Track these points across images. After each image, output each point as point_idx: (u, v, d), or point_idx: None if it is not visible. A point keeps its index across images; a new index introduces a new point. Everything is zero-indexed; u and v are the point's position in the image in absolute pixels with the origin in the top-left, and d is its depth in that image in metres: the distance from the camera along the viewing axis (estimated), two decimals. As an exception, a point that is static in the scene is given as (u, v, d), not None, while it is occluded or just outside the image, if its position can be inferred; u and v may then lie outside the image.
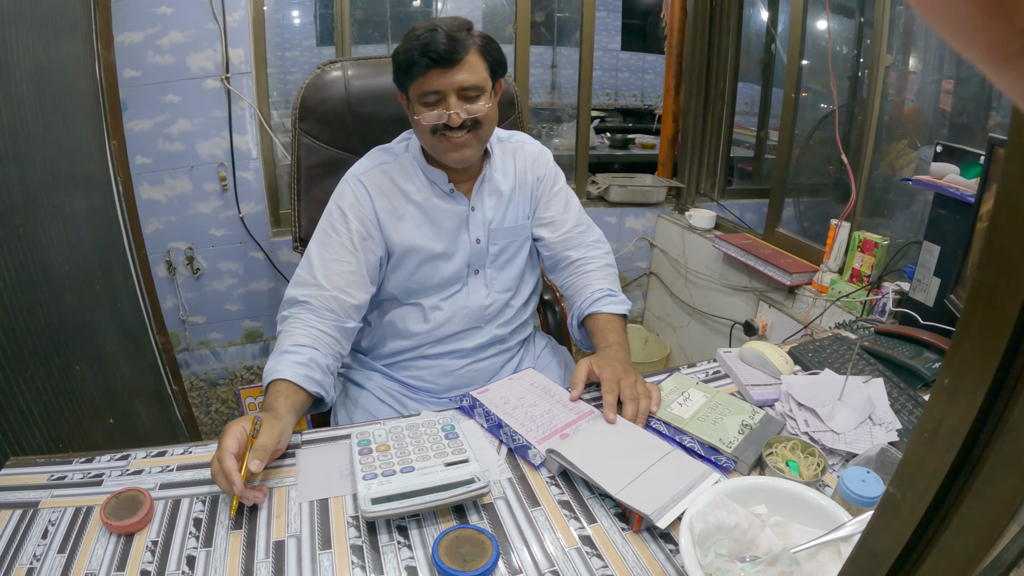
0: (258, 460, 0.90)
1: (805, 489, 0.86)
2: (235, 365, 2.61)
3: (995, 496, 0.37)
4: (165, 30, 2.09)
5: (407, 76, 1.19)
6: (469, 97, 1.19)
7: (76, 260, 1.63)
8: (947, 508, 0.40)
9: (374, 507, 0.84)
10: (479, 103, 1.20)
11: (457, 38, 1.15)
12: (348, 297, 1.23)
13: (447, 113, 1.18)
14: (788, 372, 1.26)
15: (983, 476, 0.37)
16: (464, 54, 1.16)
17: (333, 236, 1.26)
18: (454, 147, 1.22)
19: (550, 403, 1.13)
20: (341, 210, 1.27)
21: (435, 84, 1.17)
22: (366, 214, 1.27)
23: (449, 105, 1.18)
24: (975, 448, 0.37)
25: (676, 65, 2.89)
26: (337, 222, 1.27)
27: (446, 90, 1.17)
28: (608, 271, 1.44)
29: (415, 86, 1.19)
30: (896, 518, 0.43)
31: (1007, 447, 0.36)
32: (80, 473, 0.98)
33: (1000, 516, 0.38)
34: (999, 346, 0.34)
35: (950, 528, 0.40)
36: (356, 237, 1.26)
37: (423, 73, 1.17)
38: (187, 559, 0.82)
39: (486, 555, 0.80)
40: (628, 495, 0.88)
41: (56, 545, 0.84)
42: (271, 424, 0.96)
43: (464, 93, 1.19)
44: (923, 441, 0.39)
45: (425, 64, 1.15)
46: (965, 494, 0.38)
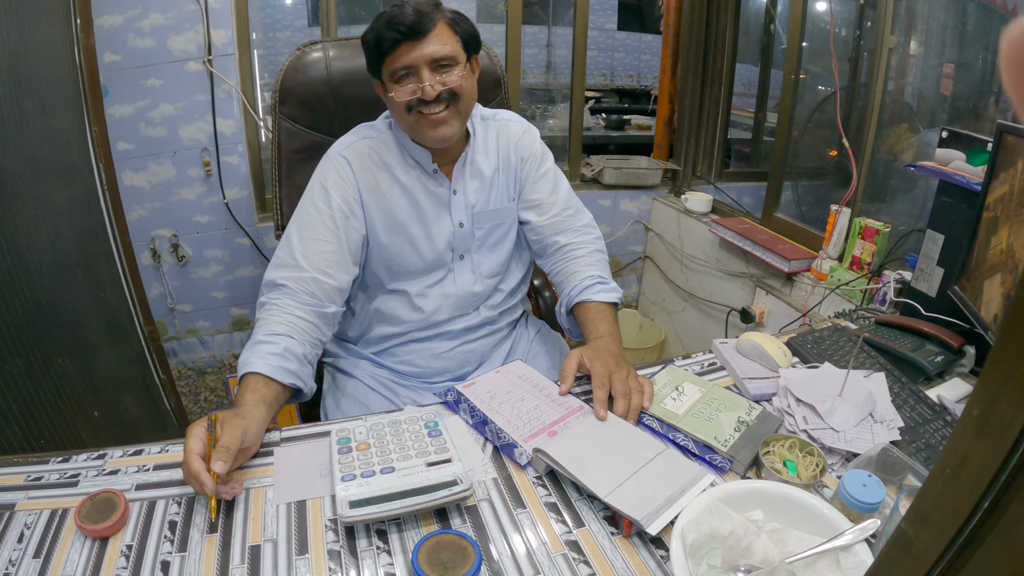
0: (221, 462, 0.86)
1: (803, 494, 0.82)
2: (223, 353, 2.58)
3: (1021, 540, 0.34)
4: (145, 12, 2.04)
5: (377, 55, 1.17)
6: (442, 68, 1.16)
7: (56, 250, 1.59)
8: (964, 549, 0.36)
9: (352, 511, 0.81)
10: (453, 74, 1.17)
11: (424, 11, 1.13)
12: (329, 279, 1.19)
13: (421, 86, 1.14)
14: (786, 365, 1.22)
15: (1008, 517, 0.34)
16: (432, 26, 1.14)
17: (314, 215, 1.23)
18: (432, 124, 1.18)
19: (538, 398, 1.09)
20: (324, 187, 1.24)
21: (405, 59, 1.14)
22: (349, 191, 1.24)
23: (422, 78, 1.15)
24: (1003, 487, 0.33)
25: (673, 45, 2.83)
26: (319, 200, 1.24)
27: (417, 63, 1.14)
28: (598, 257, 1.40)
29: (386, 65, 1.17)
30: (908, 558, 0.39)
31: None
32: (56, 473, 0.96)
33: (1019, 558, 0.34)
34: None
35: (964, 572, 0.37)
36: (338, 215, 1.22)
37: (392, 49, 1.14)
38: (162, 564, 0.79)
39: (468, 562, 0.76)
40: (618, 498, 0.85)
41: (31, 550, 0.81)
42: (232, 423, 0.92)
43: (436, 65, 1.16)
44: (944, 477, 0.36)
45: (393, 38, 1.13)
46: (986, 535, 0.35)
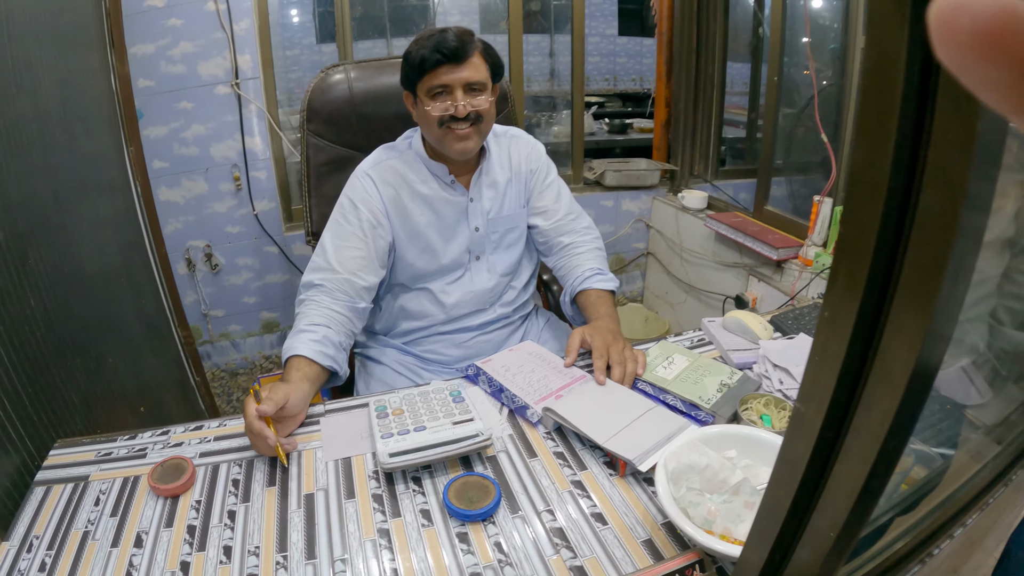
0: (267, 406, 1.03)
1: (773, 436, 0.95)
2: (254, 355, 2.74)
3: (878, 405, 0.46)
4: (176, 41, 2.20)
5: (418, 72, 1.31)
6: (473, 91, 1.32)
7: (103, 260, 1.73)
8: (843, 418, 0.49)
9: (391, 460, 0.96)
10: (481, 98, 1.33)
11: (465, 39, 1.29)
12: (359, 280, 1.35)
13: (454, 104, 1.30)
14: (767, 337, 1.37)
15: (868, 389, 0.47)
16: (470, 53, 1.30)
17: (345, 225, 1.38)
18: (458, 138, 1.34)
19: (546, 370, 1.24)
20: (352, 201, 1.40)
21: (444, 79, 1.30)
22: (375, 204, 1.39)
23: (456, 98, 1.30)
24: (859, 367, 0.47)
25: (667, 51, 2.98)
26: (348, 212, 1.39)
27: (453, 84, 1.30)
28: (597, 252, 1.55)
29: (424, 81, 1.32)
30: (804, 429, 0.52)
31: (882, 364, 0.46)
32: (125, 448, 1.09)
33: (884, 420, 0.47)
34: (860, 282, 0.45)
35: (847, 434, 0.49)
36: (366, 226, 1.38)
37: (434, 68, 1.29)
38: (228, 513, 0.93)
39: (490, 497, 0.92)
40: (614, 444, 1.00)
41: (108, 510, 0.94)
42: (276, 387, 1.09)
43: (469, 87, 1.31)
44: (815, 363, 0.49)
45: (436, 60, 1.28)
46: (855, 404, 0.48)
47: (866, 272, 0.44)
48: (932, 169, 0.40)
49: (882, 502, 0.86)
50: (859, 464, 0.49)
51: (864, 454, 0.49)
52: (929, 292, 0.41)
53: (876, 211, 0.42)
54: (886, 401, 0.45)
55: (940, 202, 0.40)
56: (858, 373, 0.48)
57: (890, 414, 0.45)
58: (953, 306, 0.42)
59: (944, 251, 0.39)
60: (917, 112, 0.39)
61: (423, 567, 0.83)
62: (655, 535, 0.88)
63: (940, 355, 0.45)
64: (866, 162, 0.42)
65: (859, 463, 0.49)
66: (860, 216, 0.44)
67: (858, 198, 0.44)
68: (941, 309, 0.42)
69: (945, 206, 0.38)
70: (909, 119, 0.39)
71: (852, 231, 0.45)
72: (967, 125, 0.36)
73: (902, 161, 0.41)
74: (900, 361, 0.44)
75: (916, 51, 0.36)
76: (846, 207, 0.45)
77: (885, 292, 0.44)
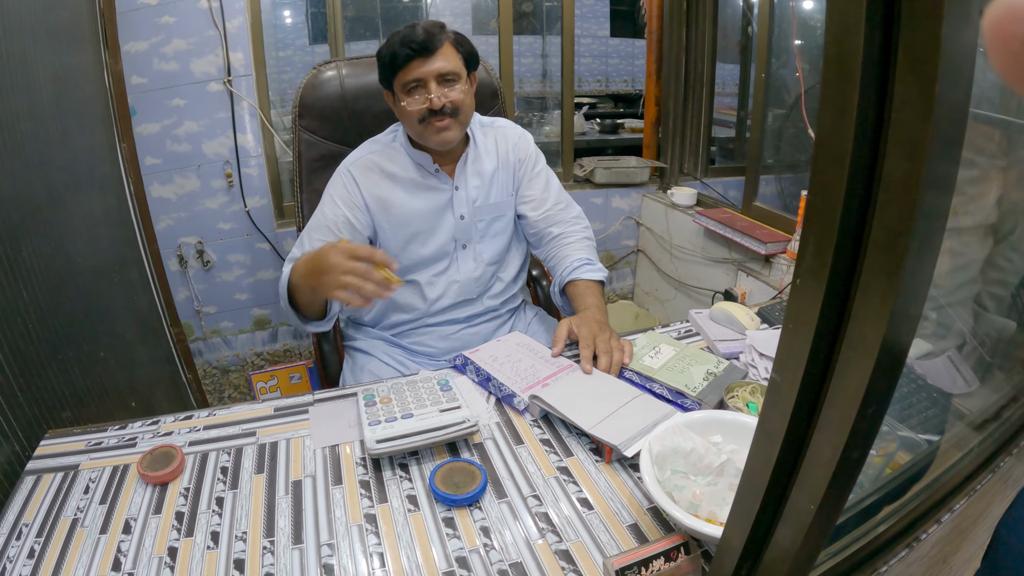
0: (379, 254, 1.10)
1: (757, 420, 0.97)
2: (246, 352, 2.74)
3: (852, 371, 0.46)
4: (169, 38, 2.21)
5: (391, 69, 1.34)
6: (447, 82, 1.34)
7: (96, 256, 1.73)
8: (820, 386, 0.49)
9: (379, 446, 0.97)
10: (456, 88, 1.35)
11: (432, 31, 1.31)
12: None
13: (429, 97, 1.32)
14: (754, 328, 1.38)
15: (842, 355, 0.47)
16: (439, 44, 1.32)
17: (322, 220, 1.42)
18: (437, 131, 1.36)
19: (533, 359, 1.25)
20: (332, 198, 1.43)
21: (416, 72, 1.32)
22: (353, 201, 1.42)
23: (430, 90, 1.32)
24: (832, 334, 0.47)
25: (657, 51, 2.99)
26: (327, 208, 1.43)
27: (426, 77, 1.32)
28: (586, 243, 1.56)
29: (399, 78, 1.34)
30: (779, 399, 0.52)
31: (855, 328, 0.46)
32: (115, 438, 1.10)
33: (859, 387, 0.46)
34: (829, 248, 0.45)
35: (824, 402, 0.49)
36: (341, 221, 1.41)
37: (405, 64, 1.32)
38: (216, 500, 0.94)
39: (476, 482, 0.92)
40: (600, 430, 1.01)
41: (97, 498, 0.94)
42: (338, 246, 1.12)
43: (443, 79, 1.33)
44: (788, 332, 0.50)
45: (406, 54, 1.31)
46: (830, 372, 0.48)
47: (834, 238, 0.44)
48: (895, 134, 0.41)
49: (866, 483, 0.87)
50: (837, 433, 0.49)
51: (841, 422, 0.49)
52: (897, 254, 0.42)
53: (841, 177, 0.43)
54: (860, 367, 0.46)
55: (903, 165, 0.40)
56: (832, 340, 0.48)
57: (865, 379, 0.46)
58: (923, 269, 0.43)
59: (910, 212, 0.40)
60: (879, 79, 0.40)
61: (409, 552, 0.84)
62: (640, 519, 0.89)
63: (913, 319, 0.46)
64: (830, 130, 0.43)
65: (837, 432, 0.49)
66: (826, 183, 0.44)
67: (824, 165, 0.44)
68: (910, 272, 0.42)
69: (908, 169, 0.39)
70: (871, 85, 0.40)
71: (819, 199, 0.46)
72: (926, 89, 0.37)
73: (866, 127, 0.41)
74: (872, 325, 0.45)
75: (876, 17, 0.37)
76: (813, 175, 0.45)
77: (855, 257, 0.45)
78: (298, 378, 2.59)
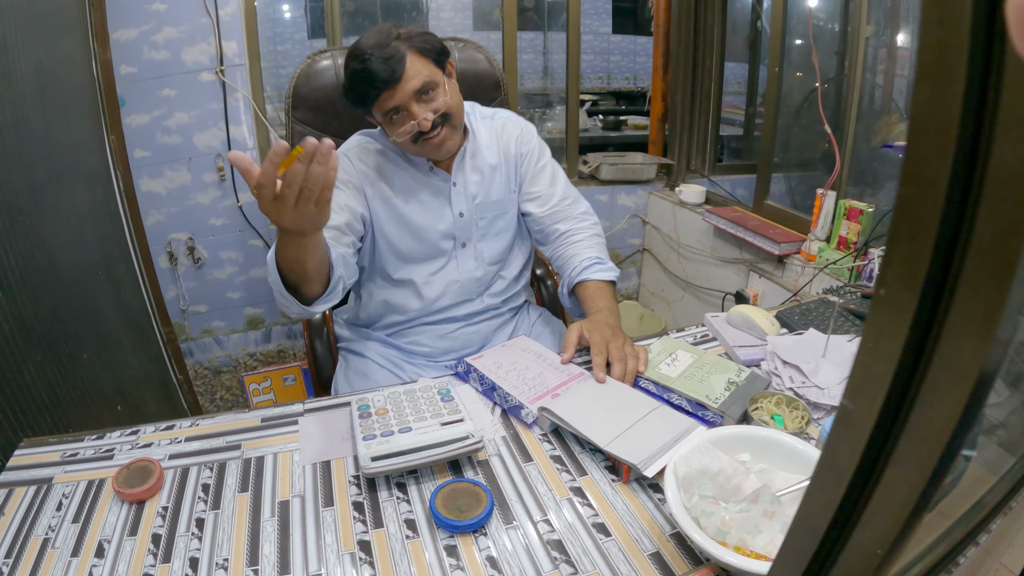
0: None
1: (788, 437, 0.89)
2: (238, 352, 2.66)
3: (940, 400, 0.39)
4: (159, 26, 2.13)
5: (365, 107, 1.27)
6: (427, 97, 1.25)
7: (80, 252, 1.67)
8: (898, 415, 0.42)
9: (374, 464, 0.89)
10: (439, 98, 1.26)
11: (389, 55, 1.20)
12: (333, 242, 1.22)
13: (415, 123, 1.24)
14: (774, 333, 1.30)
15: (928, 381, 0.40)
16: (402, 68, 1.21)
17: None
18: (435, 147, 1.29)
19: (542, 366, 1.17)
20: None
21: (392, 102, 1.23)
22: (351, 181, 1.34)
23: (414, 113, 1.24)
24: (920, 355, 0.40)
25: (664, 45, 2.92)
26: None
27: (404, 102, 1.23)
28: (596, 240, 1.48)
29: (376, 109, 1.26)
30: (851, 429, 0.45)
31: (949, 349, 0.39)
32: (92, 449, 1.02)
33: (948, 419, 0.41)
34: (926, 253, 0.38)
35: (904, 435, 0.42)
36: (337, 203, 1.30)
37: (376, 100, 1.24)
38: (196, 521, 0.86)
39: (481, 505, 0.84)
40: (617, 447, 0.92)
41: (70, 516, 0.87)
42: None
43: (421, 97, 1.24)
44: (868, 351, 0.42)
45: (374, 94, 1.22)
46: (913, 400, 0.40)
47: (932, 240, 0.37)
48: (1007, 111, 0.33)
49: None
50: (916, 469, 0.43)
51: (923, 458, 0.42)
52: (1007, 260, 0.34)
53: (945, 164, 0.35)
54: (952, 394, 0.38)
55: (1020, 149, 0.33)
56: (915, 362, 0.41)
57: (957, 410, 0.38)
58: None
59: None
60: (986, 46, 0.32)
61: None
62: (663, 547, 0.81)
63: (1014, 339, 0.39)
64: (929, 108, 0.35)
65: (916, 468, 0.43)
66: (924, 173, 0.37)
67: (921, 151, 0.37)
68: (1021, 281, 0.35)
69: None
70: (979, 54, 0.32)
71: (915, 191, 0.38)
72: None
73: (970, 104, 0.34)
74: (970, 345, 0.37)
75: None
76: (906, 164, 0.38)
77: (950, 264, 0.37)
78: (292, 379, 2.52)
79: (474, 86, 1.68)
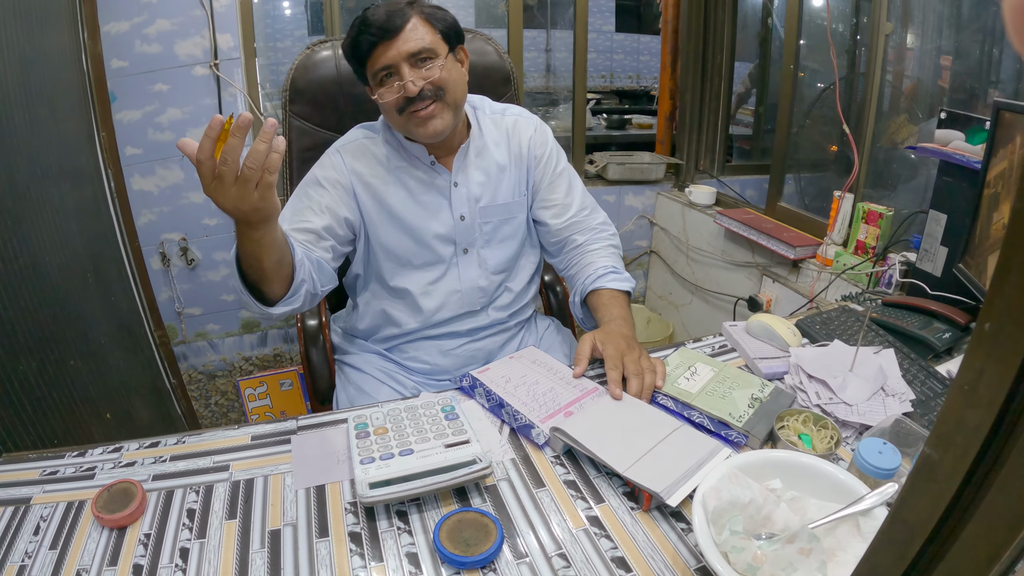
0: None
1: (821, 462, 0.83)
2: (233, 356, 2.59)
3: None
4: (152, 18, 2.07)
5: (357, 60, 1.19)
6: (422, 62, 1.17)
7: (67, 254, 1.61)
8: (989, 469, 0.36)
9: (372, 492, 0.81)
10: (434, 66, 1.17)
11: (394, 9, 1.14)
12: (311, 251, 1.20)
13: (402, 83, 1.15)
14: (796, 344, 1.23)
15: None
16: (403, 22, 1.15)
17: (305, 202, 1.26)
18: (422, 120, 1.19)
19: (553, 381, 1.10)
20: (318, 179, 1.28)
21: (383, 59, 1.16)
22: (340, 183, 1.27)
23: (403, 75, 1.16)
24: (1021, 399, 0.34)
25: (672, 42, 2.85)
26: (311, 190, 1.27)
27: (395, 61, 1.15)
28: (612, 251, 1.41)
29: (368, 68, 1.19)
30: (934, 482, 0.39)
31: None
32: (72, 467, 0.96)
33: None
34: None
35: (993, 489, 0.36)
36: (326, 204, 1.25)
37: (370, 52, 1.16)
38: (180, 551, 0.79)
39: (490, 539, 0.77)
40: (636, 472, 0.85)
41: (48, 541, 0.81)
42: None
43: (416, 60, 1.16)
44: (963, 394, 0.36)
45: (368, 41, 1.15)
46: (1009, 451, 0.35)
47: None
48: None
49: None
50: (1002, 528, 0.37)
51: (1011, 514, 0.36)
52: None
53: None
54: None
55: None
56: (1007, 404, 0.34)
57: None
58: None
59: None
60: None
61: (409, 627, 0.69)
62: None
63: None
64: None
65: (1003, 527, 0.37)
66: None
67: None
68: None
69: None
70: None
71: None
72: None
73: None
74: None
75: None
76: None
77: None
78: (289, 385, 2.45)
79: (483, 79, 1.59)
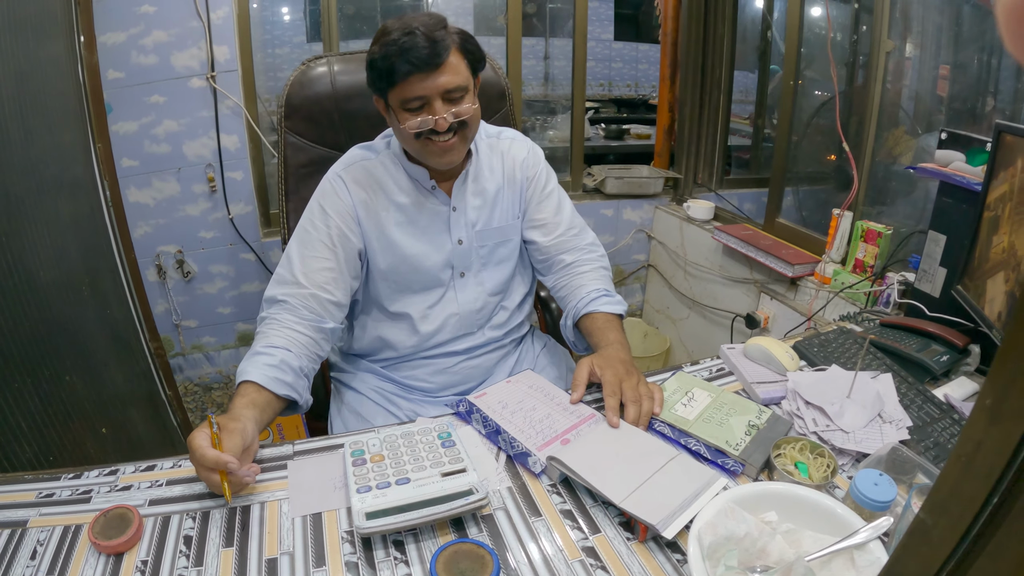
0: (231, 462, 0.88)
1: (816, 495, 0.83)
2: (229, 368, 2.59)
3: None
4: (148, 29, 2.06)
5: (387, 83, 1.14)
6: (454, 99, 1.15)
7: (63, 267, 1.60)
8: (981, 537, 0.36)
9: (369, 523, 0.81)
10: (465, 104, 1.16)
11: (436, 39, 1.10)
12: (327, 295, 1.20)
13: (433, 119, 1.13)
14: (794, 369, 1.23)
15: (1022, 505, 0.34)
16: (446, 56, 1.11)
17: (313, 233, 1.24)
18: (440, 151, 1.18)
19: (550, 407, 1.09)
20: (322, 207, 1.25)
21: (419, 89, 1.12)
22: (346, 210, 1.25)
23: (435, 110, 1.13)
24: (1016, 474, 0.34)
25: (671, 54, 2.85)
26: (317, 219, 1.25)
27: (430, 95, 1.13)
28: (602, 272, 1.41)
29: (396, 92, 1.15)
30: (926, 547, 0.40)
31: None
32: (68, 490, 0.96)
33: None
34: None
35: (983, 556, 0.37)
36: (335, 233, 1.23)
37: (405, 79, 1.12)
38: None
39: (486, 570, 0.76)
40: (633, 504, 0.85)
41: (44, 567, 0.81)
42: (230, 428, 0.93)
43: (449, 95, 1.14)
44: (960, 465, 0.36)
45: (407, 70, 1.10)
46: (1001, 521, 0.35)
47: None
48: None
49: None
50: None
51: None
52: None
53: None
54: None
55: None
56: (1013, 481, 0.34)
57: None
58: None
59: None
60: None
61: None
62: (685, 621, 0.73)
63: None
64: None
65: None
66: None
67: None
68: None
69: None
70: None
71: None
72: None
73: None
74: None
75: None
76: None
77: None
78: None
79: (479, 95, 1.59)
